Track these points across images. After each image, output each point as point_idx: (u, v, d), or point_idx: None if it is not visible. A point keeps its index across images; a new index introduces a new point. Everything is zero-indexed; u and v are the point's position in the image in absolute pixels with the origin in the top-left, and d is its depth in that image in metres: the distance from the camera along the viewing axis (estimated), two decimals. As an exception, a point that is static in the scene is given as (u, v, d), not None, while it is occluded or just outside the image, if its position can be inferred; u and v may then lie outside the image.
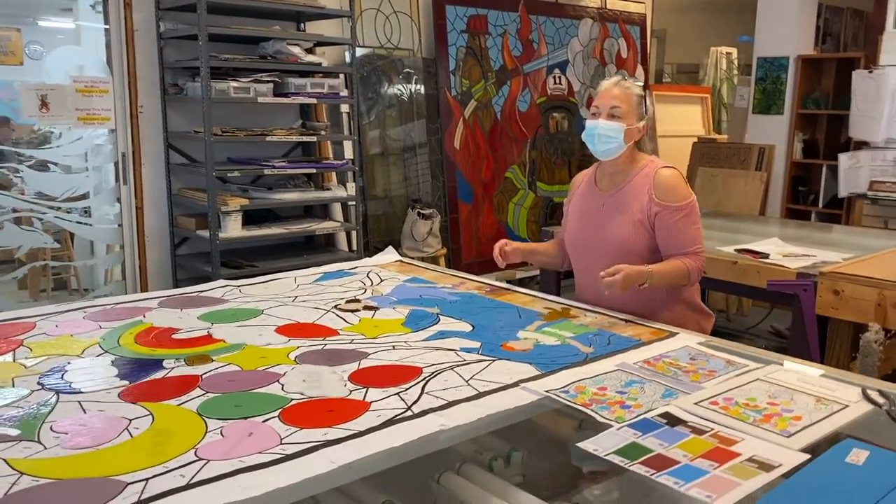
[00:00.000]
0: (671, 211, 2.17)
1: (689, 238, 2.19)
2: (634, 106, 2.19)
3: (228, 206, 3.98)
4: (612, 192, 2.27)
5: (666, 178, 2.20)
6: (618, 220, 2.23)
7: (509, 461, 1.60)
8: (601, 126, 2.19)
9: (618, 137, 2.17)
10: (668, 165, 2.25)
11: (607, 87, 2.23)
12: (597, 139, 2.21)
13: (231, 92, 3.95)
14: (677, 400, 1.54)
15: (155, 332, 1.96)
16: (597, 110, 2.22)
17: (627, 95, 2.19)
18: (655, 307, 2.21)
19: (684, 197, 2.20)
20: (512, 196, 5.61)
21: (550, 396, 1.55)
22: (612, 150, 2.20)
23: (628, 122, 2.17)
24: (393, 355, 1.80)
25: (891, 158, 4.99)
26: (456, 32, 5.28)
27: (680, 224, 2.17)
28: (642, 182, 2.21)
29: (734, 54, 7.93)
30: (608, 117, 2.18)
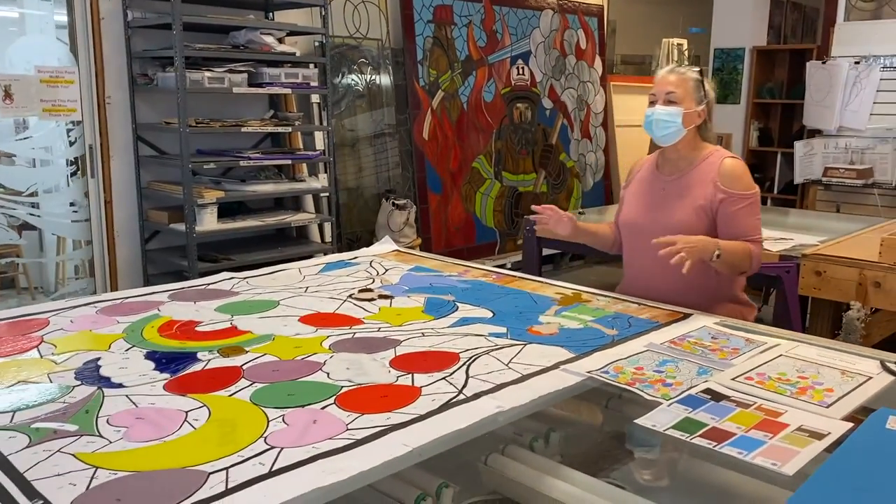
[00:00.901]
0: (736, 199, 2.20)
1: (750, 226, 2.21)
2: (691, 90, 2.22)
3: (204, 198, 3.91)
4: (674, 177, 2.30)
5: (733, 168, 2.24)
6: (679, 205, 2.26)
7: (548, 441, 1.64)
8: (658, 112, 2.22)
9: (676, 122, 2.20)
10: (734, 156, 2.29)
11: (662, 74, 2.27)
12: (654, 125, 2.24)
13: (205, 82, 3.88)
14: (714, 377, 1.60)
15: (177, 325, 1.93)
16: (654, 98, 2.26)
17: (683, 80, 2.22)
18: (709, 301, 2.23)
19: (750, 187, 2.23)
20: (479, 186, 5.66)
21: (593, 377, 1.60)
22: (671, 134, 2.23)
23: (686, 107, 2.20)
24: (425, 342, 1.82)
25: (842, 146, 5.22)
26: (423, 22, 5.29)
27: (743, 212, 2.21)
28: (707, 170, 2.25)
29: (685, 45, 8.12)
30: (665, 103, 2.22)
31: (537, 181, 6.10)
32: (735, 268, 2.19)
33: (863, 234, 3.33)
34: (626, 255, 2.47)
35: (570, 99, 6.41)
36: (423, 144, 5.28)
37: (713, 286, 2.25)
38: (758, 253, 2.21)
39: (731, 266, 2.17)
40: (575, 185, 6.46)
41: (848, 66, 5.08)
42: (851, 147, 5.19)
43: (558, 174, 6.30)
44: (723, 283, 2.27)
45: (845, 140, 5.20)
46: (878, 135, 5.05)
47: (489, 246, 5.73)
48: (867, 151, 5.13)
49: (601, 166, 6.75)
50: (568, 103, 6.39)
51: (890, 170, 5.04)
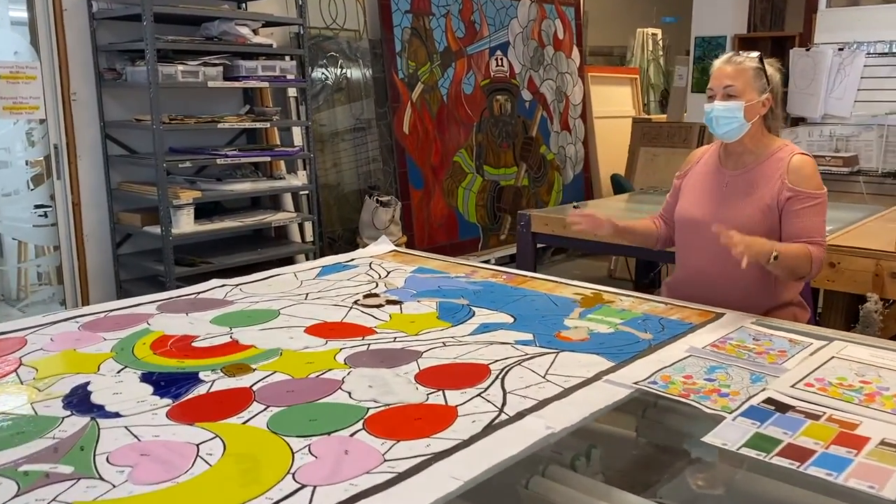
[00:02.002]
0: (803, 197, 2.05)
1: (815, 227, 2.06)
2: (751, 80, 2.06)
3: (180, 199, 3.71)
4: (739, 172, 2.15)
5: (803, 165, 2.08)
6: (743, 202, 2.11)
7: (589, 459, 1.50)
8: (718, 108, 2.06)
9: (738, 117, 2.05)
10: (804, 153, 2.13)
11: (719, 66, 2.11)
12: (715, 122, 2.08)
13: (179, 76, 3.67)
14: (771, 384, 1.48)
15: (171, 340, 1.75)
16: (712, 92, 2.10)
17: (742, 70, 2.06)
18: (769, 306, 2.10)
19: (819, 187, 2.08)
20: (461, 180, 5.51)
21: (642, 388, 1.46)
22: (735, 130, 2.08)
23: (747, 98, 2.05)
24: (449, 352, 1.67)
25: (827, 133, 5.16)
26: (400, 13, 5.12)
27: (808, 211, 2.05)
28: (775, 166, 2.10)
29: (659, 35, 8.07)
30: (724, 97, 2.06)
31: (518, 174, 5.97)
32: (793, 272, 2.03)
33: (869, 222, 3.25)
34: (681, 252, 2.30)
35: (548, 90, 6.29)
36: (403, 139, 5.11)
37: (774, 290, 2.11)
38: (819, 257, 2.03)
39: (789, 270, 2.01)
40: (556, 178, 6.35)
41: (832, 53, 5.02)
42: (836, 135, 5.13)
43: (539, 167, 6.18)
44: (784, 287, 2.12)
45: (830, 128, 5.15)
46: (863, 122, 5.00)
47: (472, 242, 5.59)
48: (852, 139, 5.09)
49: (581, 158, 6.64)
50: (547, 95, 6.27)
51: (875, 157, 5.00)
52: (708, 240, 2.09)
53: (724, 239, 1.87)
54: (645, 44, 7.93)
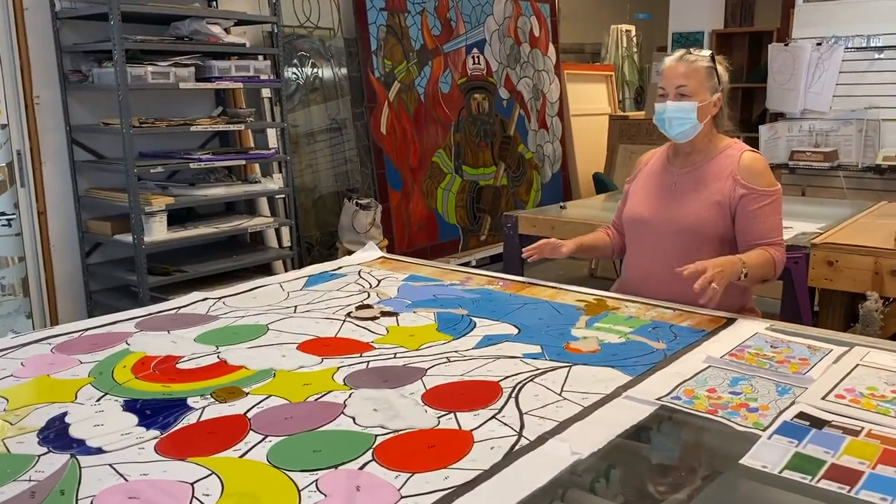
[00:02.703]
0: (758, 196, 2.01)
1: (772, 226, 2.03)
2: (704, 80, 2.02)
3: (152, 205, 3.55)
4: (688, 170, 2.10)
5: (754, 162, 2.05)
6: (693, 199, 2.06)
7: (609, 479, 1.41)
8: (670, 108, 2.01)
9: (691, 117, 2.00)
10: (754, 150, 2.09)
11: (671, 64, 2.04)
12: (668, 123, 2.03)
13: (149, 78, 3.51)
14: (800, 396, 1.40)
15: (153, 362, 1.62)
16: (663, 91, 2.04)
17: (694, 70, 2.01)
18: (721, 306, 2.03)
19: (772, 184, 2.05)
20: (440, 181, 5.41)
21: (666, 405, 1.37)
22: (688, 131, 2.03)
23: (700, 99, 2.00)
24: (454, 369, 1.56)
25: (806, 128, 5.16)
26: (375, 10, 4.99)
27: (766, 211, 2.02)
28: (725, 163, 2.05)
29: (633, 31, 8.03)
30: (676, 97, 2.00)
31: (497, 174, 5.88)
32: (760, 280, 2.03)
33: (860, 218, 3.21)
34: (629, 253, 2.26)
35: (525, 88, 6.21)
36: (381, 139, 4.99)
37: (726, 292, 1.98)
38: (780, 259, 2.03)
39: (757, 280, 2.03)
40: (534, 177, 6.27)
41: (810, 47, 5.01)
42: (815, 130, 5.13)
43: (518, 166, 6.09)
44: (732, 293, 2.03)
45: (809, 123, 5.14)
46: (842, 116, 5.00)
47: (452, 243, 5.49)
48: (831, 134, 5.09)
49: (559, 157, 6.57)
50: (524, 93, 6.19)
51: (854, 151, 5.00)
52: (656, 239, 2.09)
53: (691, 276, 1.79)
54: (619, 41, 7.89)
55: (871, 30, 4.84)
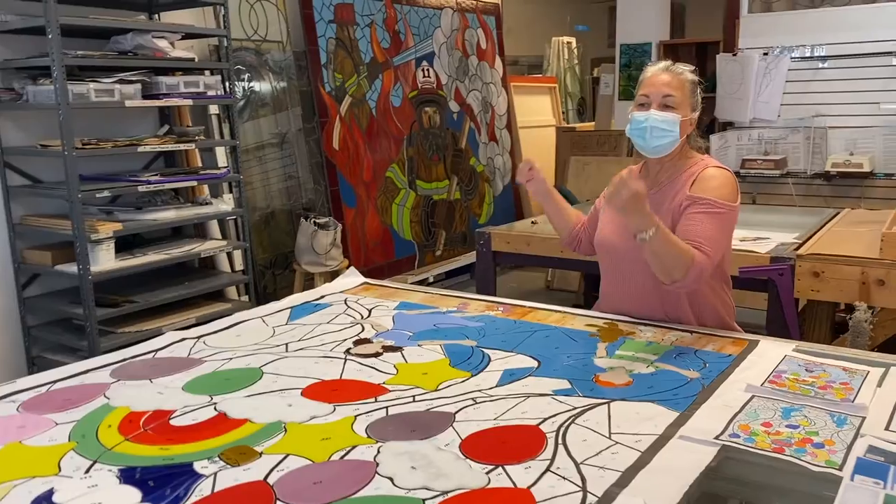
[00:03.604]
0: (701, 202, 1.86)
1: (705, 233, 1.81)
2: (689, 94, 1.91)
3: (99, 232, 3.30)
4: (654, 192, 1.97)
5: (711, 174, 1.92)
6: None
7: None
8: (654, 118, 1.87)
9: (673, 131, 1.87)
10: (722, 166, 1.97)
11: (656, 72, 1.92)
12: (648, 133, 1.88)
13: (92, 95, 3.26)
14: (863, 428, 1.32)
15: (142, 419, 1.43)
16: (646, 100, 1.90)
17: (681, 82, 1.90)
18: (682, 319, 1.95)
19: (722, 196, 1.88)
20: (394, 197, 5.26)
21: (727, 445, 1.27)
22: (666, 145, 1.90)
23: (683, 113, 1.89)
24: (484, 412, 1.43)
25: (756, 137, 5.22)
26: (324, 23, 4.83)
27: (703, 217, 1.84)
28: (686, 181, 1.93)
29: (574, 43, 8.07)
30: (661, 107, 1.88)
31: (451, 188, 5.77)
32: (666, 264, 1.75)
33: (834, 227, 3.22)
34: (602, 275, 2.15)
35: (475, 101, 6.13)
36: (333, 155, 4.82)
37: (693, 318, 1.95)
38: (701, 265, 1.77)
39: (660, 258, 1.74)
40: (486, 191, 6.19)
41: (758, 57, 5.08)
42: (764, 138, 5.20)
43: (470, 180, 6.00)
44: (705, 314, 1.96)
45: (758, 131, 5.21)
46: (790, 125, 5.08)
47: (409, 260, 5.35)
48: (780, 141, 5.16)
49: (509, 169, 6.51)
50: (473, 106, 6.11)
51: (803, 159, 5.09)
52: (627, 267, 1.96)
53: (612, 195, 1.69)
54: (560, 52, 7.91)
55: (815, 40, 4.94)
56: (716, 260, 1.84)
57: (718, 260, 1.85)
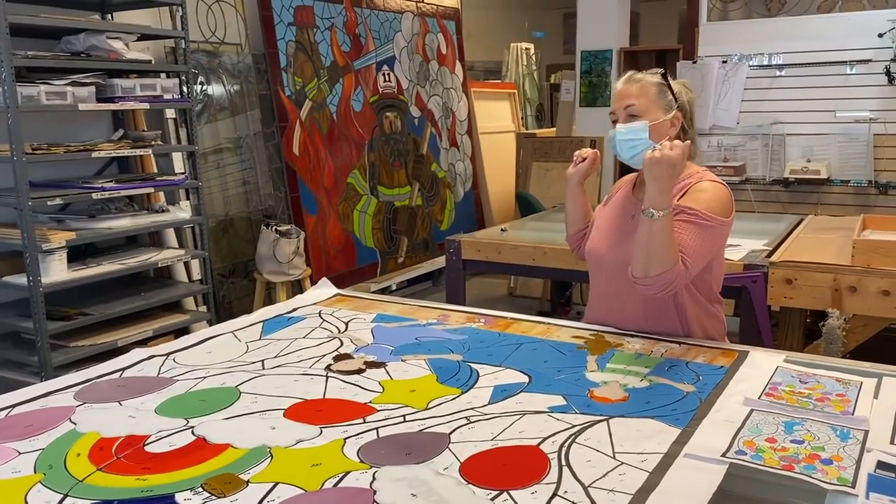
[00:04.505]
0: (687, 212, 1.81)
1: (683, 241, 1.77)
2: (655, 97, 1.86)
3: (51, 242, 3.14)
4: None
5: (703, 187, 1.87)
6: None
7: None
8: (620, 131, 1.85)
9: (642, 138, 1.83)
10: (718, 180, 1.91)
11: (619, 86, 1.90)
12: (619, 147, 1.86)
13: (43, 98, 3.11)
14: (868, 442, 1.29)
15: (114, 446, 1.33)
16: (614, 116, 1.90)
17: (642, 88, 1.86)
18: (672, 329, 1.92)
19: (711, 209, 1.82)
20: (356, 203, 5.17)
21: (735, 463, 1.23)
22: (641, 154, 1.85)
23: (651, 118, 1.84)
24: (480, 432, 1.37)
25: (716, 144, 5.29)
26: (284, 25, 4.72)
27: (685, 226, 1.78)
28: (679, 192, 1.88)
29: (532, 49, 8.08)
30: (626, 119, 1.85)
31: (412, 194, 5.71)
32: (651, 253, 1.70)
33: (801, 233, 3.25)
34: (590, 285, 2.11)
35: (436, 106, 6.08)
36: (294, 160, 4.71)
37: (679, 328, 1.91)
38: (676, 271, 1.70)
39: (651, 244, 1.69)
40: (448, 197, 6.14)
41: (717, 65, 5.14)
42: (724, 145, 5.26)
43: (431, 186, 5.94)
44: (691, 325, 1.93)
45: (717, 138, 5.27)
46: (749, 131, 5.15)
47: (371, 268, 5.26)
48: (739, 148, 5.23)
49: (470, 175, 6.48)
50: (434, 111, 6.05)
51: (761, 165, 5.16)
52: (615, 279, 1.92)
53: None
54: (519, 58, 7.91)
55: (772, 48, 5.02)
56: (693, 271, 1.79)
57: (692, 270, 1.79)
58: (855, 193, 4.79)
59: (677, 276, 1.72)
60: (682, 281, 1.75)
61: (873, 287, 2.56)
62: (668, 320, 1.91)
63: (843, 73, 4.79)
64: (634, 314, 1.93)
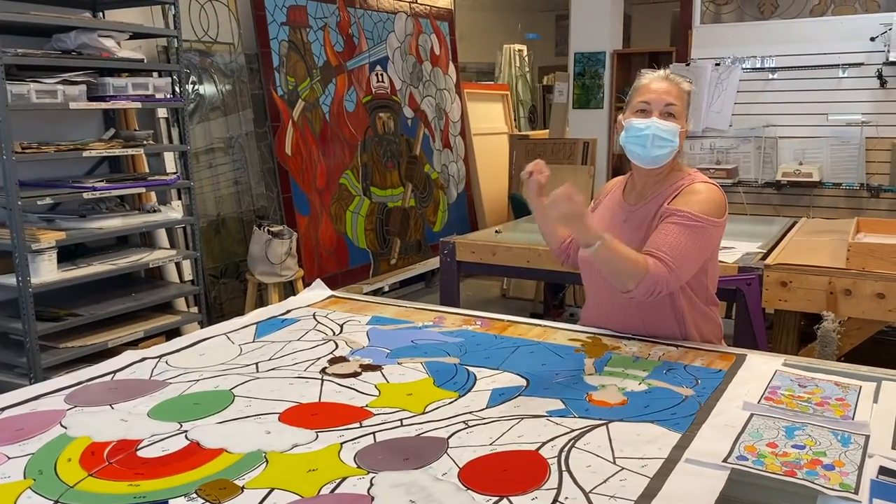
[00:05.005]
0: (676, 215, 1.80)
1: (670, 245, 1.74)
2: (685, 105, 1.86)
3: (41, 242, 3.11)
4: (638, 206, 1.93)
5: (696, 189, 1.85)
6: (634, 238, 1.87)
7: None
8: (658, 125, 1.79)
9: (674, 142, 1.81)
10: (709, 181, 1.90)
11: (656, 80, 1.85)
12: (650, 141, 1.79)
13: (33, 97, 3.07)
14: (870, 448, 1.28)
15: (106, 450, 1.31)
16: (646, 106, 1.82)
17: (680, 92, 1.85)
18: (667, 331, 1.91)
19: (703, 211, 1.80)
20: (348, 204, 5.15)
21: (737, 468, 1.22)
22: (665, 155, 1.83)
23: (681, 124, 1.83)
24: (479, 436, 1.35)
25: (708, 146, 5.29)
26: (277, 25, 4.69)
27: (674, 228, 1.78)
28: (672, 193, 1.87)
29: (525, 51, 8.08)
30: (663, 116, 1.81)
31: (405, 195, 5.69)
32: (614, 276, 1.73)
33: (795, 236, 3.25)
34: (586, 288, 2.10)
35: (429, 107, 6.06)
36: (286, 160, 4.68)
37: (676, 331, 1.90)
38: (656, 275, 1.71)
39: (608, 269, 1.73)
40: (441, 198, 6.12)
41: (710, 68, 5.15)
42: (716, 147, 5.27)
43: (424, 187, 5.92)
44: (688, 328, 1.91)
45: (710, 140, 5.28)
46: (741, 134, 5.16)
47: (363, 269, 5.23)
48: (731, 151, 5.24)
49: (463, 176, 6.46)
50: (428, 112, 6.04)
51: (754, 168, 5.17)
52: (603, 283, 1.87)
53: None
54: (512, 60, 7.90)
55: (765, 51, 5.02)
56: (681, 274, 1.78)
57: (684, 273, 1.79)
58: (847, 196, 4.80)
59: (658, 279, 1.71)
60: (669, 281, 1.74)
61: (868, 290, 2.56)
62: (664, 323, 1.89)
63: (836, 76, 4.80)
64: (631, 317, 1.92)
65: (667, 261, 1.74)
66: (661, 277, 1.72)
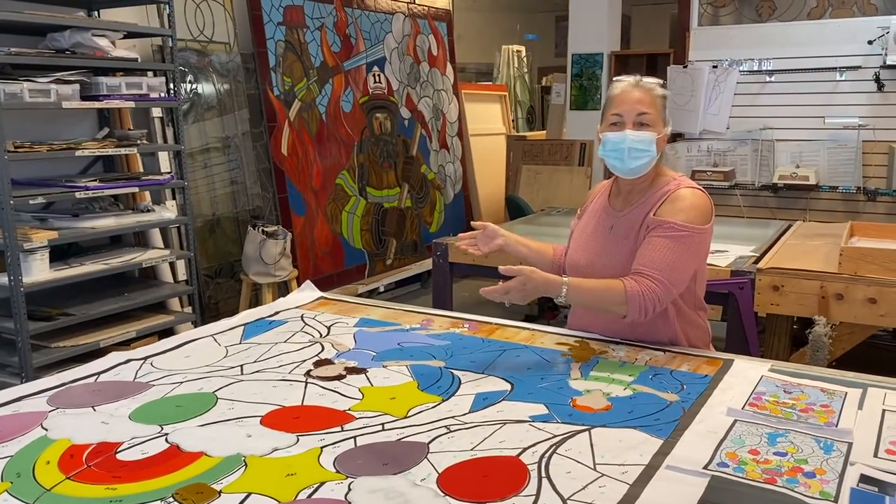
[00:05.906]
0: (662, 227, 1.80)
1: (655, 260, 1.76)
2: (661, 110, 1.84)
3: (33, 241, 3.10)
4: (624, 213, 1.92)
5: (681, 196, 1.85)
6: (624, 247, 1.88)
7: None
8: (631, 138, 1.79)
9: (651, 150, 1.81)
10: (695, 187, 1.89)
11: (626, 89, 1.83)
12: (627, 154, 1.80)
13: (26, 96, 3.07)
14: (851, 455, 1.28)
15: (85, 453, 1.30)
16: (619, 119, 1.82)
17: (653, 98, 1.83)
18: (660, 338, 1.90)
19: (689, 219, 1.81)
20: (344, 204, 5.14)
21: (717, 476, 1.21)
22: (644, 165, 1.83)
23: (658, 131, 1.82)
24: (460, 442, 1.34)
25: (705, 148, 5.28)
26: (273, 25, 4.69)
27: (660, 242, 1.78)
28: (657, 200, 1.87)
29: (523, 52, 8.07)
30: (636, 126, 1.80)
31: (401, 196, 5.68)
32: (601, 307, 1.81)
33: (789, 239, 3.25)
34: None
35: (426, 108, 6.05)
36: (282, 161, 4.67)
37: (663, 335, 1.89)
38: (640, 293, 1.73)
39: (589, 304, 1.83)
40: (437, 198, 6.11)
41: (708, 70, 5.14)
42: (713, 150, 5.26)
43: (421, 187, 5.92)
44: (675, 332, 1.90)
45: (707, 143, 5.27)
46: (739, 137, 5.16)
47: (359, 269, 5.23)
48: (728, 153, 5.23)
49: (460, 177, 6.46)
50: (425, 112, 6.03)
51: (750, 171, 5.16)
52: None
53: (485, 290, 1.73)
54: (510, 61, 7.90)
55: (762, 54, 5.02)
56: (674, 286, 1.79)
57: (676, 285, 1.80)
58: (843, 200, 4.79)
59: (644, 297, 1.74)
60: (660, 296, 1.76)
61: (860, 295, 2.55)
62: (652, 328, 1.89)
63: (833, 79, 4.80)
64: (618, 321, 1.91)
65: (655, 277, 1.76)
66: (649, 294, 1.74)
